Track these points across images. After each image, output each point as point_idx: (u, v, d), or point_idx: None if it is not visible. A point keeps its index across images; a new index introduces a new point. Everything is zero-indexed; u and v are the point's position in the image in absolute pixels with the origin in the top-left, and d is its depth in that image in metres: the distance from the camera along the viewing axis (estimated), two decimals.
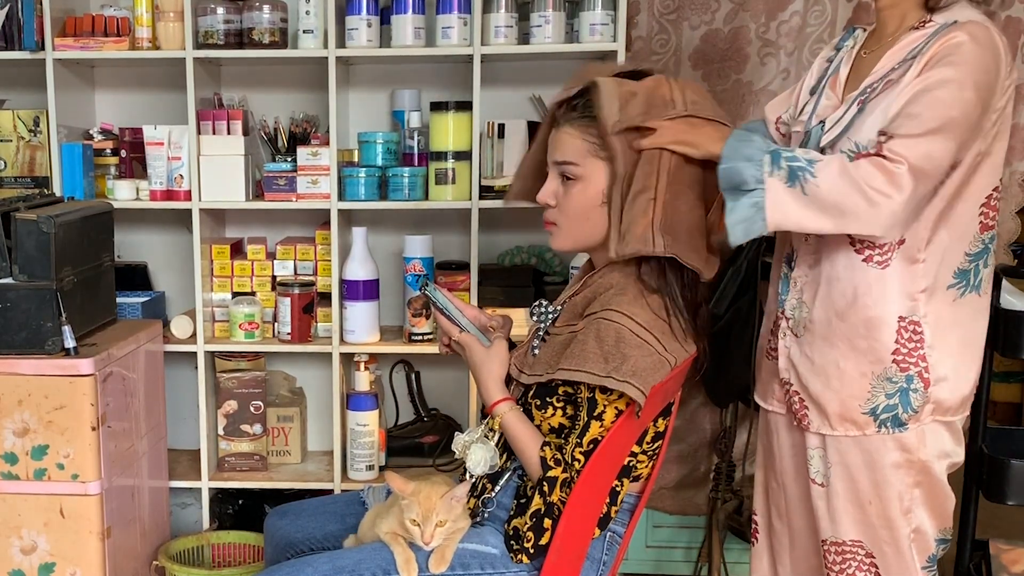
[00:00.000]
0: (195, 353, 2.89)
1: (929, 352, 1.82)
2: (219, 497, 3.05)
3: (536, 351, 1.91)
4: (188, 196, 2.82)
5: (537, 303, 1.96)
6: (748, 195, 1.73)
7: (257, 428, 2.94)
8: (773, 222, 1.74)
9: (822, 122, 1.88)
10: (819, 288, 1.88)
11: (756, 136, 1.80)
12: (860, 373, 1.85)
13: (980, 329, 1.88)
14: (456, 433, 1.96)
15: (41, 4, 2.73)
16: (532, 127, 2.82)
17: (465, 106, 2.75)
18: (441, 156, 2.78)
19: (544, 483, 1.80)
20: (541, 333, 1.93)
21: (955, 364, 1.84)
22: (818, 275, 1.89)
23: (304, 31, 2.77)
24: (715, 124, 1.83)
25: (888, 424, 1.84)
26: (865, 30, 1.96)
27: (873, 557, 1.91)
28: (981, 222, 1.83)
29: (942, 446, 1.86)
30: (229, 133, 2.82)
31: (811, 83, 1.98)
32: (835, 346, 1.86)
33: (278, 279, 2.91)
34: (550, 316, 1.93)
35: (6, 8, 2.75)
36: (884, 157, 1.69)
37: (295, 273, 2.93)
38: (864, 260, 1.82)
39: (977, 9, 1.79)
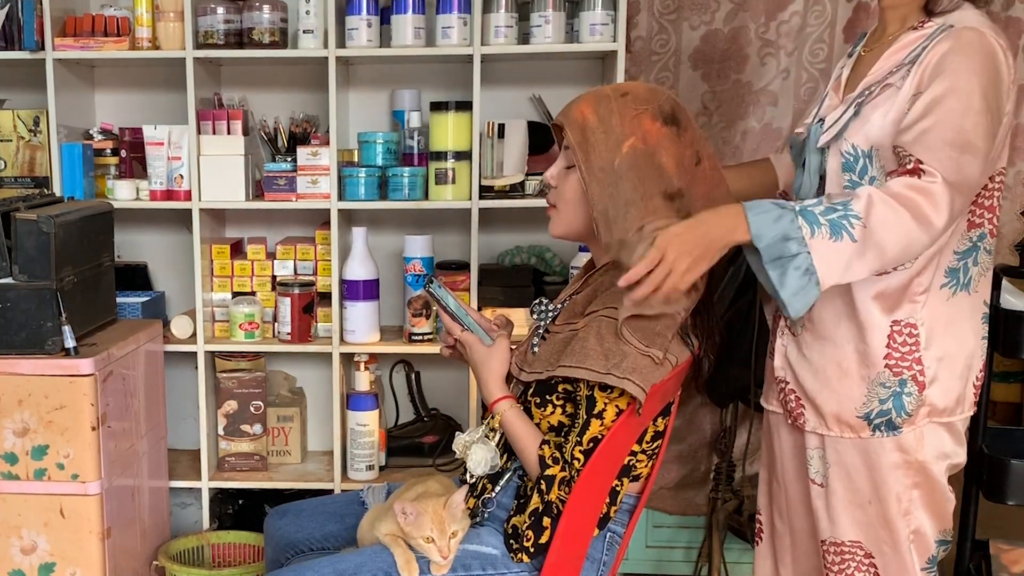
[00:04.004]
0: (195, 353, 2.89)
1: (924, 355, 1.82)
2: (219, 497, 3.05)
3: (536, 349, 1.91)
4: (188, 196, 2.82)
5: (537, 301, 1.96)
6: (792, 262, 1.65)
7: (257, 428, 2.94)
8: (828, 281, 1.67)
9: (821, 120, 1.88)
10: None
11: (766, 202, 1.70)
12: (860, 376, 1.85)
13: (972, 328, 1.87)
14: (456, 433, 1.96)
15: (41, 4, 2.73)
16: (532, 127, 2.82)
17: (465, 106, 2.75)
18: (441, 156, 2.77)
19: (542, 481, 1.80)
20: (541, 331, 1.93)
21: (947, 364, 1.84)
22: None
23: (304, 31, 2.76)
24: (718, 210, 1.71)
25: (883, 428, 1.84)
26: (864, 34, 1.97)
27: (872, 558, 1.90)
28: (968, 219, 1.83)
29: (941, 447, 1.86)
30: (229, 133, 2.82)
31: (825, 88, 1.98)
32: (838, 347, 1.86)
33: (278, 279, 2.91)
34: (550, 314, 1.94)
35: (6, 8, 2.75)
36: (913, 173, 1.66)
37: (295, 273, 2.93)
38: None
39: (978, 11, 1.78)
